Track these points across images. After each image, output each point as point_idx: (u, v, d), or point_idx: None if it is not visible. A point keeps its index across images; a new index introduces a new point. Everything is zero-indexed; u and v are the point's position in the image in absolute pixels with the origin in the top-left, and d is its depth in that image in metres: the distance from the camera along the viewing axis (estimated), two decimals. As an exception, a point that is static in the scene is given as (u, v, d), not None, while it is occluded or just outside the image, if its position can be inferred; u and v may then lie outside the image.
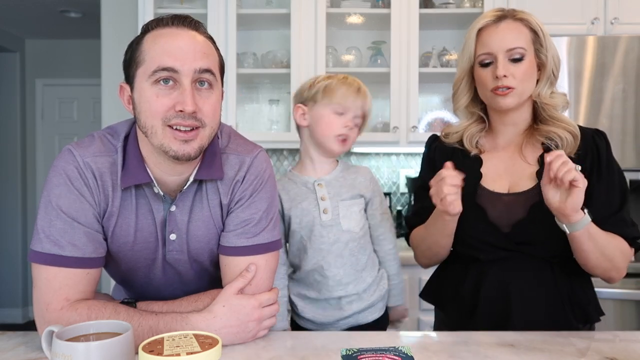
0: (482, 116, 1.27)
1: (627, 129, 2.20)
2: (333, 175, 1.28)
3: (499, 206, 1.18)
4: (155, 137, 0.93)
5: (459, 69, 1.26)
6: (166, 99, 0.92)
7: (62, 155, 0.98)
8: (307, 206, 1.24)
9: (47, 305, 0.93)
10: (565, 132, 1.17)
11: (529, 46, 1.16)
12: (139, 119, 0.95)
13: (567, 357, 0.92)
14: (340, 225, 1.24)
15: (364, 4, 2.59)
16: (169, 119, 0.92)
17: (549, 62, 1.18)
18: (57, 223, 0.94)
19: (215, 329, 0.94)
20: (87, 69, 4.44)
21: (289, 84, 2.52)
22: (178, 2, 2.66)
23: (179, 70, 0.92)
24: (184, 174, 1.01)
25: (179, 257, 1.06)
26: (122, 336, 0.73)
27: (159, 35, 0.94)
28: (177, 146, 0.93)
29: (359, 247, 1.26)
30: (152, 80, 0.92)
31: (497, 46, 1.15)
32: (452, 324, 1.20)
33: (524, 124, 1.24)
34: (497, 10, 1.20)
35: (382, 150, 2.76)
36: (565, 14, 2.44)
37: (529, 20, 1.18)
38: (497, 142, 1.26)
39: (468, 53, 1.21)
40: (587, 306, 1.18)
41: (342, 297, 1.24)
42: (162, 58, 0.91)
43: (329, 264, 1.22)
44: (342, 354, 0.76)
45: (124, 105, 1.00)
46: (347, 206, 1.25)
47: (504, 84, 1.14)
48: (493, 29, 1.17)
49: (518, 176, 1.20)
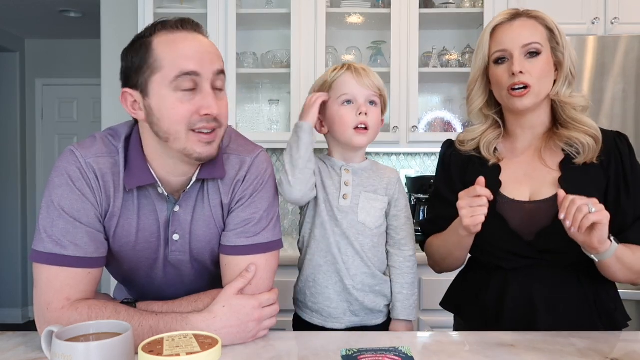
0: (497, 120, 1.24)
1: (627, 129, 2.20)
2: (362, 165, 1.25)
3: (520, 214, 1.15)
4: (179, 142, 0.94)
5: (473, 69, 1.22)
6: (189, 105, 0.93)
7: (64, 156, 0.98)
8: (330, 185, 1.21)
9: (47, 304, 0.93)
10: (587, 136, 1.13)
11: (545, 43, 1.14)
12: (158, 125, 0.94)
13: (567, 357, 0.92)
14: (357, 214, 1.19)
15: (364, 4, 2.59)
16: (193, 124, 0.93)
17: (567, 61, 1.15)
18: (59, 223, 0.94)
19: (215, 329, 0.94)
20: (87, 69, 4.44)
21: (289, 84, 2.52)
22: (178, 2, 2.65)
23: (200, 74, 0.92)
24: (188, 174, 1.02)
25: (181, 257, 1.06)
26: (122, 336, 0.73)
27: (172, 40, 0.93)
28: (201, 148, 0.95)
29: (371, 245, 1.21)
30: (174, 85, 0.92)
31: (512, 43, 1.12)
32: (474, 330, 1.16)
33: (543, 127, 1.20)
34: (512, 9, 1.18)
35: (382, 150, 2.76)
36: (565, 14, 2.44)
37: (545, 18, 1.16)
38: (515, 147, 1.22)
39: (482, 52, 1.18)
40: (614, 312, 1.15)
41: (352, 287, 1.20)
42: (183, 63, 0.91)
43: (339, 249, 1.19)
44: (342, 354, 0.76)
45: (129, 111, 0.98)
46: (368, 199, 1.21)
47: (520, 81, 1.10)
48: (508, 26, 1.15)
49: (539, 182, 1.16)
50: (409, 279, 1.25)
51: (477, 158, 1.23)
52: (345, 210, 1.20)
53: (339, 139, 1.22)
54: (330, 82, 1.21)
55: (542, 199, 1.14)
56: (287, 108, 2.76)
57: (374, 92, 1.20)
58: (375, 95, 1.21)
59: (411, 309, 1.24)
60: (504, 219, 1.15)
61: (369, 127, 1.19)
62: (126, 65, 0.96)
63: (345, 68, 1.21)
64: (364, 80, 1.19)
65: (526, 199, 1.16)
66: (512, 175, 1.19)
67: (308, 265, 1.24)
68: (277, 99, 2.79)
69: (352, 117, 1.18)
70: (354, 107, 1.19)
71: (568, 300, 1.12)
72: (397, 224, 1.25)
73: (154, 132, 0.96)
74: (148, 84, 0.94)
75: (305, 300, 1.24)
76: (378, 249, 1.24)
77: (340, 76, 1.20)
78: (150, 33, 0.95)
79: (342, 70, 1.21)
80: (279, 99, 2.80)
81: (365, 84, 1.19)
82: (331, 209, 1.20)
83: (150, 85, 0.93)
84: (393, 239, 1.25)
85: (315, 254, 1.22)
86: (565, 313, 1.12)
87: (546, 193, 1.15)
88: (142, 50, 0.94)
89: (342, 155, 1.25)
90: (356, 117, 1.18)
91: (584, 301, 1.13)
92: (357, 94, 1.18)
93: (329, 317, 1.22)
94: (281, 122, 2.80)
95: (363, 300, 1.21)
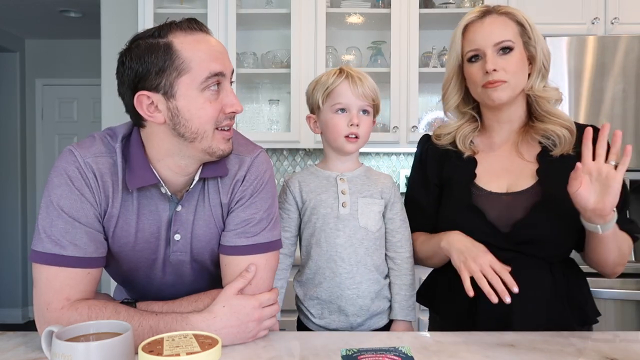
0: (474, 115, 1.26)
1: (627, 129, 2.20)
2: (356, 173, 1.27)
3: (498, 206, 1.17)
4: (205, 140, 0.96)
5: (448, 69, 1.24)
6: (216, 104, 0.95)
7: (63, 156, 0.98)
8: (327, 198, 1.23)
9: (47, 304, 0.93)
10: (562, 128, 1.16)
11: (516, 39, 1.15)
12: (185, 126, 0.94)
13: (567, 357, 0.92)
14: (358, 220, 1.21)
15: (364, 4, 2.59)
16: (220, 122, 0.96)
17: (539, 55, 1.17)
18: (58, 223, 0.94)
19: (215, 329, 0.94)
20: (87, 69, 4.44)
21: (289, 84, 2.52)
22: (178, 2, 2.65)
23: (225, 74, 0.96)
24: (192, 173, 1.02)
25: (182, 257, 1.06)
26: (122, 336, 0.73)
27: (195, 41, 0.94)
28: (224, 145, 0.98)
29: (375, 248, 1.23)
30: (203, 87, 0.93)
31: (484, 41, 1.14)
32: (448, 328, 1.17)
33: (519, 121, 1.22)
34: (482, 7, 1.19)
35: (382, 150, 2.76)
36: (565, 14, 2.45)
37: (514, 13, 1.17)
38: (492, 141, 1.25)
39: (455, 52, 1.20)
40: (585, 306, 1.17)
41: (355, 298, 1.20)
42: (211, 64, 0.93)
43: (342, 259, 1.20)
44: (342, 354, 0.76)
45: (144, 114, 0.95)
46: (366, 204, 1.23)
47: (494, 79, 1.12)
48: (479, 24, 1.16)
49: (516, 175, 1.19)
50: (407, 280, 1.26)
51: (453, 152, 1.26)
52: (346, 218, 1.22)
53: (331, 144, 1.26)
54: (329, 91, 1.22)
55: (519, 190, 1.17)
56: (287, 108, 2.76)
57: (367, 103, 1.23)
58: (368, 105, 1.24)
59: (410, 310, 1.26)
60: (481, 211, 1.17)
61: (360, 137, 1.23)
62: (141, 69, 0.93)
63: (343, 76, 1.22)
64: (359, 90, 1.21)
65: (503, 191, 1.18)
66: (489, 168, 1.22)
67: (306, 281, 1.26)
68: (277, 99, 2.80)
69: (344, 127, 1.21)
70: (347, 117, 1.22)
71: (542, 294, 1.13)
72: (393, 227, 1.27)
73: (177, 133, 0.95)
74: (174, 86, 0.92)
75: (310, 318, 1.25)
76: (381, 251, 1.25)
77: (337, 86, 1.21)
78: (164, 34, 0.93)
79: (339, 77, 1.22)
80: (279, 99, 2.80)
81: (360, 94, 1.21)
82: (332, 219, 1.22)
83: (177, 86, 0.92)
84: (389, 241, 1.27)
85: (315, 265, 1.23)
86: (539, 306, 1.13)
87: (523, 185, 1.17)
88: (162, 52, 0.92)
89: (336, 157, 1.28)
90: (348, 127, 1.21)
91: (557, 295, 1.14)
92: (351, 104, 1.21)
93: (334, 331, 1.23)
94: (281, 122, 2.80)
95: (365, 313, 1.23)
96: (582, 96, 2.23)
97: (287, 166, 2.90)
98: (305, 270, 1.25)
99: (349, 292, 1.20)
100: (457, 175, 1.24)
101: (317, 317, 1.23)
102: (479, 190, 1.19)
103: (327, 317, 1.22)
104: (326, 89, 1.22)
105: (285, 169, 2.90)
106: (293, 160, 2.90)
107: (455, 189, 1.22)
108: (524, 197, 1.16)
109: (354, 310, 1.21)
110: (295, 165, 2.91)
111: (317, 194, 1.24)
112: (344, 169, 1.27)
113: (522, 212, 1.14)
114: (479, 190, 1.19)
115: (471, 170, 1.22)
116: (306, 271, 1.25)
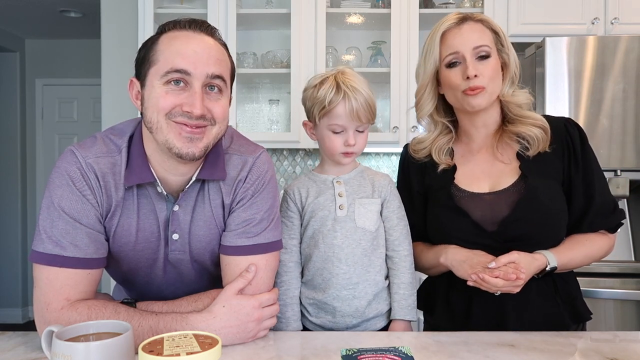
0: (447, 126, 1.28)
1: (627, 129, 2.20)
2: (352, 175, 1.28)
3: (481, 206, 1.19)
4: (161, 132, 0.95)
5: (422, 75, 1.25)
6: (174, 98, 0.94)
7: (64, 156, 0.98)
8: (324, 201, 1.24)
9: (47, 305, 0.93)
10: (534, 128, 1.18)
11: (492, 45, 1.18)
12: (145, 115, 0.97)
13: (567, 357, 0.92)
14: (355, 221, 1.22)
15: (364, 4, 2.59)
16: (173, 116, 0.94)
17: (512, 62, 1.20)
18: (59, 224, 0.94)
19: (215, 329, 0.94)
20: (87, 69, 4.44)
21: (289, 84, 2.52)
22: (178, 2, 2.66)
23: (191, 73, 0.94)
24: (187, 174, 1.02)
25: (181, 257, 1.06)
26: (122, 336, 0.73)
27: (175, 37, 0.96)
28: (182, 143, 0.94)
29: (372, 248, 1.23)
30: (164, 80, 0.94)
31: (464, 45, 1.16)
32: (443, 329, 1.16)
33: (495, 125, 1.25)
34: (457, 14, 1.22)
35: (382, 150, 2.75)
36: (565, 14, 2.45)
37: (489, 21, 1.21)
38: (470, 147, 1.27)
39: (433, 57, 1.21)
40: (575, 301, 1.19)
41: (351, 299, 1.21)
42: (176, 60, 0.93)
43: (339, 260, 1.21)
44: (342, 354, 0.76)
45: (131, 99, 1.02)
46: (363, 204, 1.24)
47: (475, 85, 1.14)
48: (456, 30, 1.18)
49: (497, 176, 1.21)
50: (406, 279, 1.26)
51: (430, 164, 1.28)
52: (343, 220, 1.22)
53: (327, 156, 1.28)
54: (326, 111, 1.21)
55: (501, 188, 1.19)
56: (287, 108, 2.76)
57: (364, 122, 1.23)
58: (365, 125, 1.24)
59: (409, 309, 1.25)
60: (465, 212, 1.18)
61: (355, 152, 1.25)
62: (136, 58, 1.00)
63: (340, 96, 1.20)
64: (356, 113, 1.20)
65: (486, 191, 1.21)
66: (469, 173, 1.24)
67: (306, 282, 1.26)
68: (277, 99, 2.80)
69: (340, 145, 1.22)
70: (343, 137, 1.22)
71: (534, 290, 1.14)
72: (390, 225, 1.27)
73: (145, 122, 0.98)
74: (146, 76, 0.96)
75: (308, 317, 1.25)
76: (380, 251, 1.25)
77: (334, 107, 1.20)
78: (162, 30, 0.99)
79: (337, 96, 1.20)
80: (279, 99, 2.80)
81: (356, 117, 1.20)
82: (330, 221, 1.23)
83: (147, 76, 0.96)
84: (387, 240, 1.27)
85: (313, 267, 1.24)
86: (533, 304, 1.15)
87: (505, 183, 1.19)
88: (150, 44, 0.98)
89: (332, 163, 1.29)
90: (344, 147, 1.22)
91: (548, 290, 1.16)
92: (348, 126, 1.22)
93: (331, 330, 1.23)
94: (281, 122, 2.80)
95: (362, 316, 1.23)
96: (582, 96, 2.23)
97: (287, 166, 2.90)
98: (305, 272, 1.26)
99: (345, 292, 1.20)
100: (437, 182, 1.26)
101: (313, 315, 1.24)
102: (461, 192, 1.22)
103: (323, 316, 1.23)
104: (323, 108, 1.21)
105: (285, 169, 2.90)
106: (293, 160, 2.90)
107: (438, 194, 1.25)
108: (506, 194, 1.18)
109: (349, 311, 1.21)
110: (295, 165, 2.91)
111: (315, 197, 1.25)
112: (340, 171, 1.28)
113: (507, 210, 1.16)
114: (461, 192, 1.22)
115: (451, 175, 1.25)
116: (306, 273, 1.26)
